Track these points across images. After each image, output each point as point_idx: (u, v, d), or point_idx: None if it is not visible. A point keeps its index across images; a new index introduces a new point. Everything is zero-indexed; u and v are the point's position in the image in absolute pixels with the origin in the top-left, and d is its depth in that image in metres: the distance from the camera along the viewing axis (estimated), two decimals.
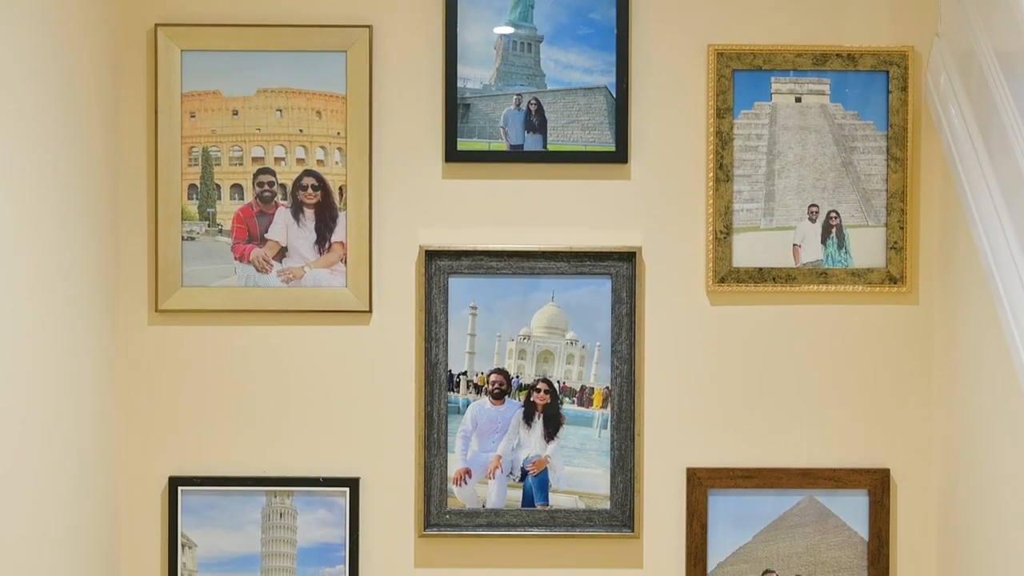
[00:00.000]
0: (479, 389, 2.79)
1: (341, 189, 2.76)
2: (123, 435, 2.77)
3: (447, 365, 2.77)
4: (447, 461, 2.78)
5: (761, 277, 2.76)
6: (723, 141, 2.76)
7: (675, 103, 2.78)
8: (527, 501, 2.79)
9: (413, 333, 2.77)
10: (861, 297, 2.78)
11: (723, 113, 2.76)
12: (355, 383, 2.78)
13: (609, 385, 2.78)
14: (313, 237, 2.77)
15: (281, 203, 2.77)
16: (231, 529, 2.78)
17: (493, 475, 2.79)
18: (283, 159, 2.77)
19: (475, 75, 2.77)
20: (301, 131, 2.76)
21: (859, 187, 2.77)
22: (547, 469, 2.79)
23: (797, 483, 2.77)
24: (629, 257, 2.76)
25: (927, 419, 2.79)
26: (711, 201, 2.76)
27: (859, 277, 2.76)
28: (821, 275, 2.77)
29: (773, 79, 2.77)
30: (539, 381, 2.79)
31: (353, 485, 2.77)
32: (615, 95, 2.76)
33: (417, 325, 2.76)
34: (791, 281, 2.76)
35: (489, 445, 2.79)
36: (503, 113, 2.78)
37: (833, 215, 2.77)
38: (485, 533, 2.78)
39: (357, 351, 2.78)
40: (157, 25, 2.73)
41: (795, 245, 2.78)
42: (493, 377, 2.79)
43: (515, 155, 2.78)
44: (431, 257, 2.76)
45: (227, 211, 2.77)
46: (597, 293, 2.78)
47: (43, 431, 2.31)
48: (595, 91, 2.77)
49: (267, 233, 2.77)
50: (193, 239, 2.76)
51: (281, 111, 2.77)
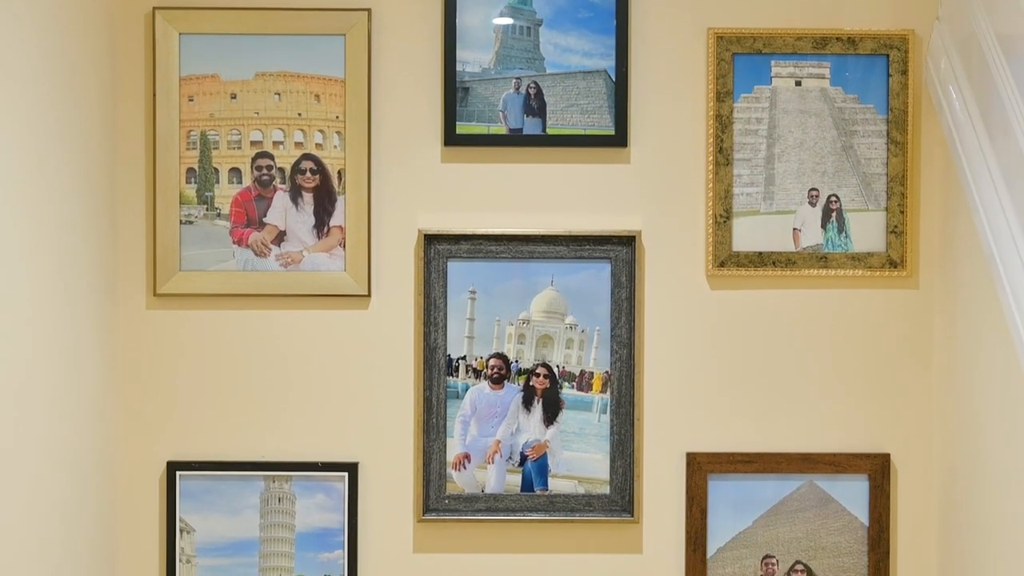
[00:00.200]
0: (478, 374, 2.78)
1: (340, 173, 2.75)
2: (121, 420, 2.76)
3: (446, 349, 2.77)
4: (446, 446, 2.77)
5: (761, 261, 2.76)
6: (723, 125, 2.75)
7: (675, 87, 2.77)
8: (526, 486, 2.78)
9: (412, 317, 2.76)
10: (861, 281, 2.77)
11: (723, 97, 2.75)
12: (354, 368, 2.77)
13: (608, 369, 2.77)
14: (312, 221, 2.76)
15: (279, 187, 2.76)
16: (229, 514, 2.77)
17: (492, 460, 2.79)
18: (281, 143, 2.76)
19: (474, 58, 2.76)
20: (300, 115, 2.75)
21: (859, 171, 2.76)
22: (546, 454, 2.79)
23: (797, 468, 2.77)
24: (629, 241, 2.75)
25: (927, 403, 2.78)
26: (711, 185, 2.75)
27: (859, 261, 2.76)
28: (821, 259, 2.76)
29: (773, 63, 2.76)
30: (538, 365, 2.78)
31: (352, 470, 2.76)
32: (614, 79, 2.75)
33: (416, 309, 2.76)
34: (791, 265, 2.76)
35: (488, 430, 2.79)
36: (502, 97, 2.77)
37: (833, 199, 2.77)
38: (484, 518, 2.77)
39: (356, 335, 2.77)
40: (155, 8, 2.72)
41: (795, 229, 2.77)
42: (492, 361, 2.78)
43: (514, 139, 2.77)
44: (430, 241, 2.75)
45: (225, 195, 2.76)
46: (596, 277, 2.77)
47: (41, 416, 2.31)
48: (594, 75, 2.76)
49: (265, 217, 2.76)
50: (191, 223, 2.75)
51: (279, 95, 2.76)
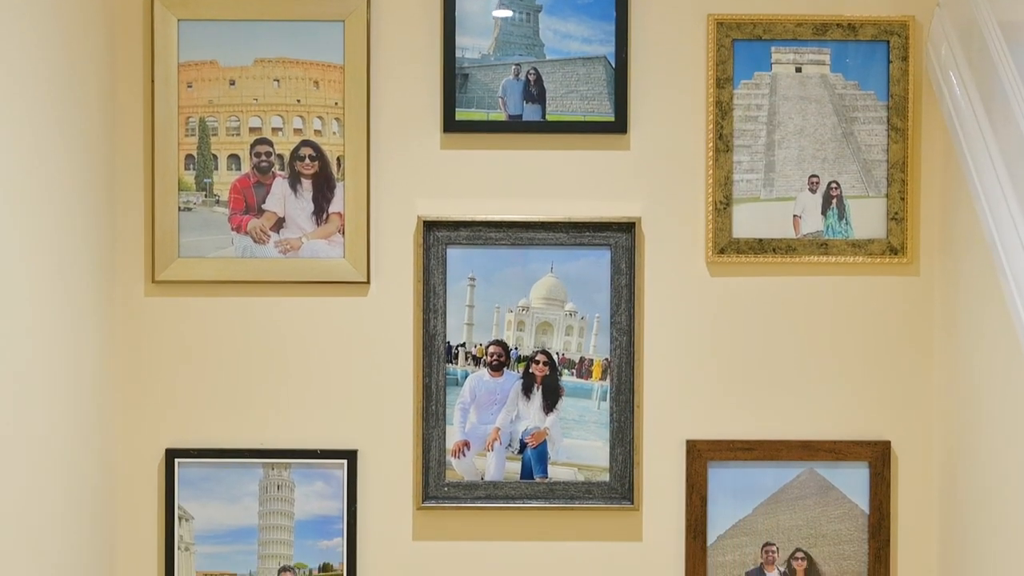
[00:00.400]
0: (477, 361, 2.77)
1: (339, 159, 2.74)
2: (120, 407, 2.75)
3: (445, 336, 2.76)
4: (445, 433, 2.77)
5: (761, 248, 2.75)
6: (723, 111, 2.74)
7: (675, 73, 2.76)
8: (526, 473, 2.78)
9: (411, 304, 2.76)
10: (862, 268, 2.76)
11: (723, 83, 2.74)
12: (353, 354, 2.76)
13: (608, 357, 2.76)
14: (311, 208, 2.75)
15: (278, 174, 2.76)
16: (228, 501, 2.77)
17: (492, 447, 2.78)
18: (280, 129, 2.75)
19: (474, 45, 2.75)
20: (299, 101, 2.75)
21: (860, 157, 2.75)
22: (546, 441, 2.78)
23: (797, 455, 2.76)
24: (628, 228, 2.74)
25: (928, 391, 2.77)
26: (711, 172, 2.74)
27: (859, 248, 2.75)
28: (821, 246, 2.75)
29: (773, 49, 2.75)
30: (538, 353, 2.78)
31: (351, 457, 2.75)
32: (614, 65, 2.74)
33: (415, 296, 2.75)
34: (791, 252, 2.75)
35: (488, 417, 2.78)
36: (502, 83, 2.76)
37: (833, 186, 2.76)
38: (484, 505, 2.76)
39: (355, 322, 2.76)
40: None
41: (795, 216, 2.76)
42: (492, 348, 2.77)
43: (514, 125, 2.76)
44: (429, 228, 2.74)
45: (224, 182, 2.75)
46: (596, 264, 2.76)
47: (39, 403, 2.30)
48: (594, 61, 2.75)
49: (264, 204, 2.75)
50: (190, 210, 2.75)
51: (278, 81, 2.75)
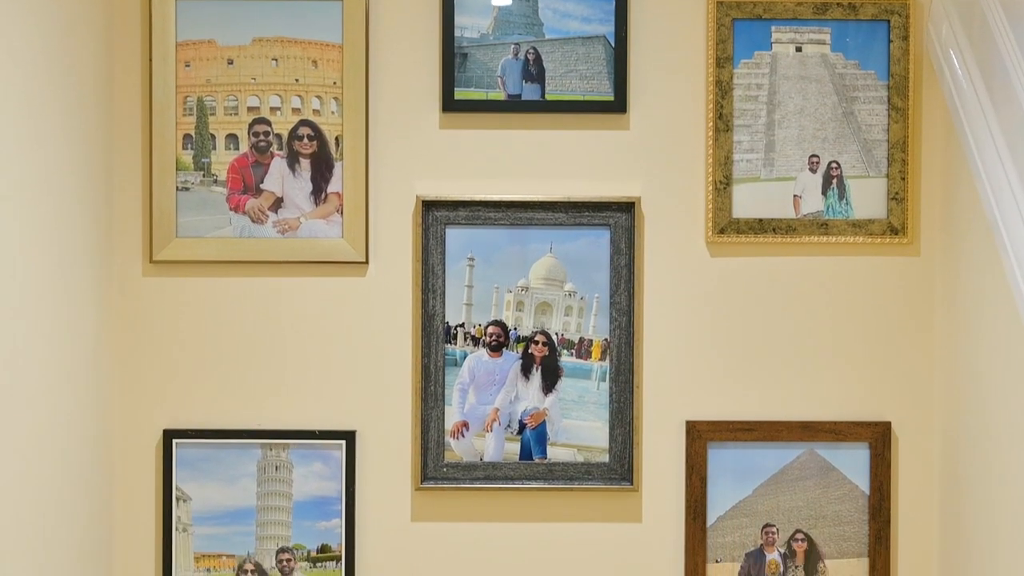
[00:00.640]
0: (476, 341, 2.76)
1: (337, 139, 2.73)
2: (117, 387, 2.74)
3: (444, 317, 2.75)
4: (444, 414, 2.76)
5: (761, 228, 2.74)
6: (723, 91, 2.73)
7: (674, 52, 2.75)
8: (525, 454, 2.77)
9: (410, 284, 2.75)
10: (862, 248, 2.75)
11: (723, 62, 2.73)
12: (351, 335, 2.75)
13: (608, 337, 2.75)
14: (309, 187, 2.74)
15: (277, 153, 2.74)
16: (226, 482, 2.76)
17: (491, 428, 2.77)
18: (279, 109, 2.74)
19: (473, 24, 2.74)
20: (297, 80, 2.73)
21: (860, 137, 2.74)
22: (545, 422, 2.77)
23: (798, 436, 2.75)
24: (628, 208, 2.73)
25: (928, 371, 2.76)
26: (711, 151, 2.73)
27: (860, 228, 2.74)
28: (822, 226, 2.74)
29: (773, 28, 2.74)
30: (537, 333, 2.77)
31: (349, 438, 2.74)
32: (614, 44, 2.73)
33: (414, 276, 2.74)
34: (791, 232, 2.74)
35: (487, 398, 2.77)
36: (501, 62, 2.75)
37: (834, 165, 2.75)
38: (482, 486, 2.76)
39: (353, 302, 2.75)
40: None
41: (795, 196, 2.75)
42: (491, 329, 2.76)
43: (513, 105, 2.75)
44: (428, 207, 2.73)
45: (222, 161, 2.74)
46: (596, 244, 2.75)
47: (36, 384, 2.28)
48: (594, 40, 2.74)
49: (262, 183, 2.74)
50: (188, 189, 2.74)
51: (277, 60, 2.74)
